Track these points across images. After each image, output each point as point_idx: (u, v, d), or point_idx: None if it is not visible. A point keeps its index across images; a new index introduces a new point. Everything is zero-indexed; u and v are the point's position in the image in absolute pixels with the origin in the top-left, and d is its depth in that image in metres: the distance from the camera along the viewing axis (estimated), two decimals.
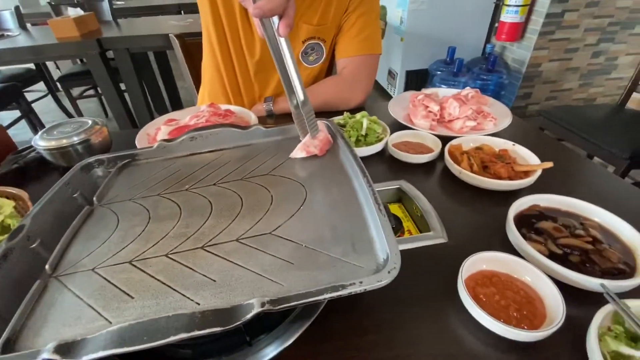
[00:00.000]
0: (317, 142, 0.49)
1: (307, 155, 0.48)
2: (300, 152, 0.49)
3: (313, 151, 0.48)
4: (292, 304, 0.28)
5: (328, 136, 0.50)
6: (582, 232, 0.43)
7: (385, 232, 0.32)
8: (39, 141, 0.64)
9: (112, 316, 0.32)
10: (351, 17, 0.85)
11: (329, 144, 0.50)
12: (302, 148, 0.48)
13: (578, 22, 2.23)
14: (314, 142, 0.49)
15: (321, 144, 0.49)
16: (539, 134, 0.80)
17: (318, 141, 0.49)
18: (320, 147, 0.48)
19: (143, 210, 0.42)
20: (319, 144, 0.48)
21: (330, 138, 0.50)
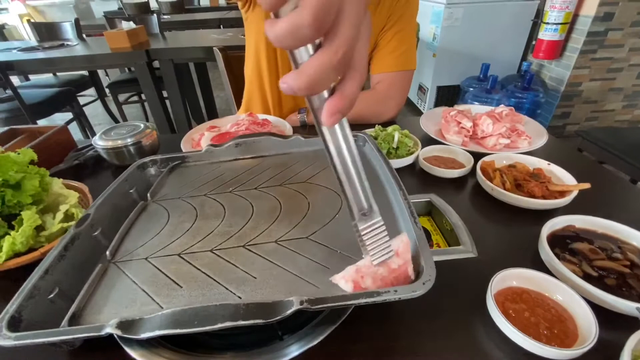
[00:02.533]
0: (382, 272, 0.31)
1: (354, 289, 0.32)
2: (345, 282, 0.32)
3: (367, 288, 0.31)
4: (328, 305, 0.30)
5: (407, 268, 0.32)
6: (620, 256, 0.42)
7: (421, 245, 0.34)
8: (98, 141, 0.71)
9: (163, 302, 0.35)
10: (388, 33, 0.87)
11: (407, 280, 0.32)
12: (349, 277, 0.32)
13: (623, 42, 2.14)
14: (376, 273, 0.32)
15: (388, 278, 0.31)
16: (576, 155, 0.78)
17: (384, 271, 0.31)
18: (382, 283, 0.31)
19: (191, 208, 0.46)
20: (383, 277, 0.31)
21: (411, 273, 0.32)
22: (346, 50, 0.20)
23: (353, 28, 0.19)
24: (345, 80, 0.21)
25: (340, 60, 0.20)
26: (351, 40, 0.20)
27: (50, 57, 1.93)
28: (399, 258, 0.31)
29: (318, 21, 0.18)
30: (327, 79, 0.20)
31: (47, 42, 2.35)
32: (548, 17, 2.13)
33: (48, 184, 0.53)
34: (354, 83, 0.22)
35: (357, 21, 0.20)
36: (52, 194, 0.53)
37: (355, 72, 0.22)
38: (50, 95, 2.11)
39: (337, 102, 0.21)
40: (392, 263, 0.31)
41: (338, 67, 0.20)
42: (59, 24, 2.64)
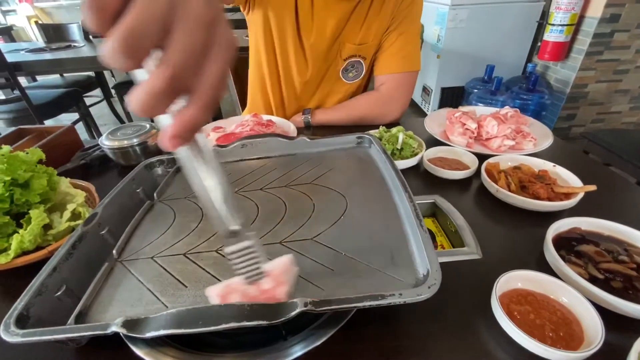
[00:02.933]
0: (252, 292, 0.31)
1: (222, 303, 0.31)
2: (214, 295, 0.32)
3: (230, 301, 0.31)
4: (332, 307, 0.30)
5: (278, 292, 0.31)
6: (626, 258, 0.42)
7: (427, 248, 0.34)
8: (104, 141, 0.71)
9: (168, 301, 0.36)
10: (392, 35, 0.87)
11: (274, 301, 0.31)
12: (218, 291, 0.32)
13: (629, 43, 2.12)
14: (246, 291, 0.31)
15: (258, 298, 0.31)
16: (582, 157, 0.77)
17: (254, 291, 0.31)
18: (249, 300, 0.31)
19: (197, 208, 0.47)
20: (253, 296, 0.31)
21: (282, 295, 0.31)
22: (172, 76, 0.18)
23: (180, 53, 0.18)
24: (187, 105, 0.20)
25: (165, 88, 0.18)
26: (178, 66, 0.18)
27: (57, 58, 1.96)
28: (271, 280, 0.31)
29: (127, 48, 0.16)
30: (156, 105, 0.18)
31: (55, 44, 2.38)
32: (553, 18, 2.12)
33: (56, 183, 0.54)
34: (194, 107, 0.20)
35: (192, 43, 0.18)
36: (59, 193, 0.54)
37: (196, 96, 0.20)
38: (57, 96, 2.13)
39: (173, 128, 0.20)
40: (264, 284, 0.31)
41: (166, 94, 0.18)
42: (66, 25, 2.67)
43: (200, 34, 0.18)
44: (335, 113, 0.93)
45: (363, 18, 0.85)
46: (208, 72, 0.20)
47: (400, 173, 0.44)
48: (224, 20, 0.20)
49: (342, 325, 0.36)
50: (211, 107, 0.20)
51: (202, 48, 0.19)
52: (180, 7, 0.18)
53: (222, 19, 0.20)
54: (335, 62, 0.91)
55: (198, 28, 0.18)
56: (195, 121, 0.20)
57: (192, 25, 0.18)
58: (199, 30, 0.18)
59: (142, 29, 0.17)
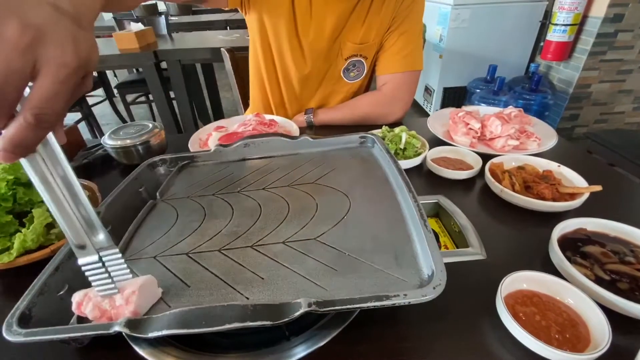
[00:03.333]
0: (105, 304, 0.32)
1: (77, 312, 0.33)
2: (74, 299, 0.33)
3: (86, 313, 0.32)
4: (336, 308, 0.30)
5: (126, 309, 0.31)
6: (632, 259, 0.42)
7: (431, 248, 0.33)
8: (107, 140, 0.71)
9: (171, 301, 0.35)
10: (393, 34, 0.87)
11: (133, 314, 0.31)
12: (76, 296, 0.33)
13: (633, 43, 2.11)
14: (99, 303, 0.32)
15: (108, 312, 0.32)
16: (586, 157, 0.77)
17: (108, 304, 0.32)
18: (100, 314, 0.32)
19: (199, 208, 0.46)
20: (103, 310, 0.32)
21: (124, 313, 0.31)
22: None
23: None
24: (11, 123, 0.22)
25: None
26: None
27: None
28: (122, 297, 0.32)
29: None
30: None
31: None
32: (556, 18, 2.11)
33: None
34: (14, 126, 0.21)
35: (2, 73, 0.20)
36: None
37: (19, 115, 0.21)
38: None
39: (1, 143, 0.22)
40: (117, 299, 0.32)
41: None
42: None
43: (14, 60, 0.20)
44: (338, 113, 0.93)
45: (364, 17, 0.84)
46: (31, 94, 0.21)
47: (404, 173, 0.44)
48: (54, 38, 0.21)
49: (346, 325, 0.36)
50: (37, 127, 0.22)
51: (18, 71, 0.20)
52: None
53: (50, 39, 0.21)
54: (336, 61, 0.91)
55: (11, 53, 0.20)
56: (18, 139, 0.22)
57: (5, 51, 0.19)
58: (13, 55, 0.20)
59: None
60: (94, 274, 0.31)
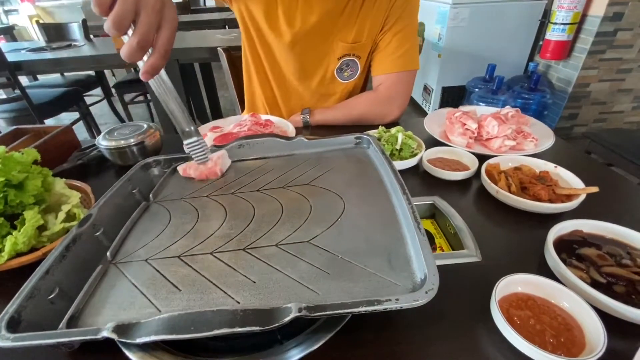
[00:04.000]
0: (202, 169, 0.51)
1: (184, 175, 0.53)
2: (180, 168, 0.53)
3: (190, 174, 0.52)
4: (327, 312, 0.29)
5: (215, 169, 0.52)
6: (629, 262, 0.41)
7: (424, 252, 0.33)
8: (101, 141, 0.71)
9: (161, 305, 0.35)
10: (388, 34, 0.86)
11: (214, 175, 0.52)
12: (183, 167, 0.53)
13: (632, 42, 2.11)
14: (197, 168, 0.52)
15: (204, 171, 0.52)
16: (584, 157, 0.76)
17: (203, 168, 0.52)
18: (199, 173, 0.52)
19: (192, 210, 0.46)
20: (201, 170, 0.51)
21: (217, 171, 0.52)
22: (140, 39, 0.35)
23: (145, 25, 0.35)
24: (150, 55, 0.37)
25: (137, 45, 0.35)
26: (144, 33, 0.35)
27: (58, 57, 1.95)
28: (212, 162, 0.52)
29: (116, 23, 0.34)
30: (134, 55, 0.36)
31: (55, 43, 2.38)
32: (556, 17, 2.11)
33: (50, 184, 0.53)
34: (154, 57, 0.37)
35: (149, 21, 0.35)
36: (54, 194, 0.53)
37: (156, 50, 0.37)
38: (58, 95, 2.13)
39: (144, 68, 0.38)
40: (209, 163, 0.52)
41: (138, 49, 0.36)
42: (67, 24, 2.66)
43: (154, 16, 0.35)
44: (334, 113, 0.92)
45: (355, 16, 0.84)
46: (161, 36, 0.37)
47: (398, 174, 0.44)
48: (170, 5, 0.37)
49: (340, 329, 0.36)
50: (165, 57, 0.38)
51: (155, 24, 0.36)
52: (142, 2, 0.34)
53: (169, 5, 0.37)
54: (328, 61, 0.90)
55: (153, 12, 0.35)
56: (155, 64, 0.38)
57: (150, 11, 0.35)
58: (153, 14, 0.35)
59: (122, 14, 0.33)
60: (194, 149, 0.50)
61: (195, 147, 0.50)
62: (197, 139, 0.50)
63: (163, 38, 0.37)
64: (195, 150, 0.50)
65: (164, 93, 0.43)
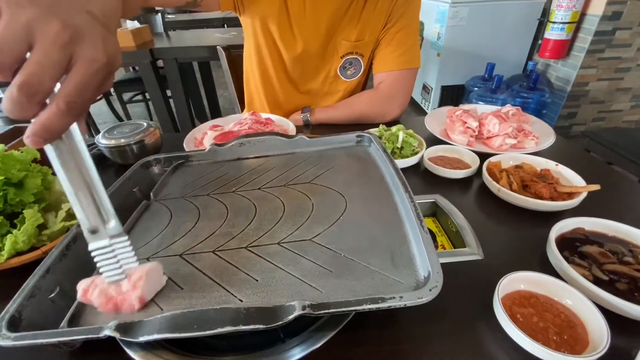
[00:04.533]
0: (111, 292, 0.32)
1: (82, 300, 0.33)
2: (79, 287, 0.33)
3: (92, 301, 0.32)
4: (331, 310, 0.29)
5: (130, 296, 0.32)
6: (631, 259, 0.41)
7: (428, 250, 0.33)
8: (101, 140, 0.71)
9: (164, 304, 0.35)
10: (390, 32, 0.86)
11: (129, 308, 0.32)
12: (84, 285, 0.33)
13: (631, 41, 2.11)
14: (107, 290, 0.32)
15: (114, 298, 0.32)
16: (584, 155, 0.76)
17: (113, 292, 0.32)
18: (106, 301, 0.32)
19: (194, 208, 0.46)
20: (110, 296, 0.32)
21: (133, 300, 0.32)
22: (23, 84, 0.22)
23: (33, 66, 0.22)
24: (44, 110, 0.24)
25: (19, 94, 0.22)
26: (33, 75, 0.22)
27: None
28: (129, 283, 0.32)
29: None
30: (17, 107, 0.22)
31: None
32: (554, 16, 2.11)
33: (50, 182, 0.53)
34: (48, 112, 0.23)
35: (46, 57, 0.22)
36: (54, 193, 0.53)
37: (53, 103, 0.23)
38: None
39: (32, 127, 0.23)
40: (123, 285, 0.32)
41: (22, 97, 0.22)
42: None
43: (55, 52, 0.22)
44: (335, 111, 0.92)
45: (358, 15, 0.84)
46: (66, 83, 0.23)
47: (400, 172, 0.43)
48: (89, 40, 0.24)
49: (342, 327, 0.36)
50: (67, 113, 0.24)
51: (57, 63, 0.22)
52: (38, 30, 0.22)
53: (85, 38, 0.23)
54: (331, 60, 0.90)
55: (52, 48, 0.22)
56: (49, 124, 0.23)
57: (46, 46, 0.22)
58: (53, 50, 0.22)
59: (5, 41, 0.21)
60: (103, 259, 0.31)
61: (105, 256, 0.31)
62: (108, 244, 0.30)
63: (67, 85, 0.23)
64: (104, 262, 0.31)
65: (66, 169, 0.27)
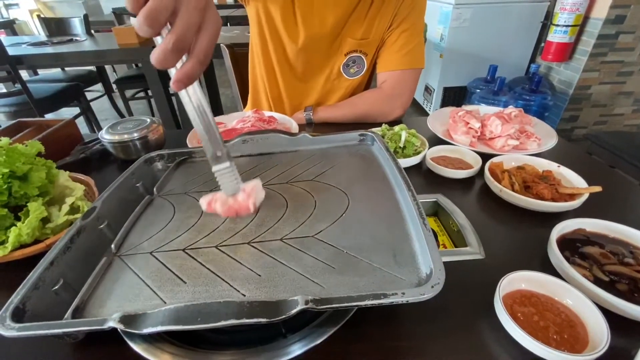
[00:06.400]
0: (230, 202, 0.38)
1: (208, 210, 0.39)
2: (203, 202, 0.40)
3: (216, 209, 0.39)
4: (334, 305, 0.29)
5: (248, 203, 0.38)
6: (632, 261, 0.41)
7: (430, 247, 0.33)
8: (105, 135, 0.71)
9: (167, 297, 0.35)
10: (395, 32, 0.86)
11: (246, 211, 0.38)
12: (207, 199, 0.40)
13: (634, 45, 2.11)
14: (226, 201, 0.39)
15: (233, 206, 0.38)
16: (586, 158, 0.77)
17: (233, 202, 0.38)
18: (227, 209, 0.38)
19: (196, 204, 0.46)
20: (230, 205, 0.38)
21: (250, 205, 0.38)
22: (176, 41, 0.28)
23: (183, 26, 0.28)
24: (186, 62, 0.30)
25: (172, 48, 0.28)
26: (181, 35, 0.28)
27: (59, 52, 1.95)
28: (244, 194, 0.38)
29: (149, 20, 0.26)
30: (167, 60, 0.28)
31: (56, 37, 2.37)
32: (558, 19, 2.11)
33: (54, 176, 0.53)
34: (190, 64, 0.30)
35: (189, 21, 0.28)
36: (58, 187, 0.53)
37: (193, 56, 0.30)
38: (58, 90, 2.12)
39: (177, 75, 0.30)
40: (239, 197, 0.38)
41: (173, 52, 0.28)
42: (68, 19, 2.65)
43: (195, 15, 0.28)
44: (337, 110, 0.92)
45: (365, 13, 0.84)
46: (201, 40, 0.30)
47: (403, 171, 0.44)
48: (212, 6, 0.31)
49: (343, 324, 0.36)
50: (203, 64, 0.30)
51: (196, 24, 0.29)
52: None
53: (212, 6, 0.30)
54: (335, 57, 0.91)
55: (195, 10, 0.28)
56: (191, 72, 0.30)
57: (191, 8, 0.28)
58: (195, 12, 0.28)
59: (158, 8, 0.26)
60: (224, 177, 0.38)
61: (226, 175, 0.38)
62: (230, 165, 0.38)
63: (203, 42, 0.30)
64: (225, 179, 0.39)
65: (195, 108, 0.34)
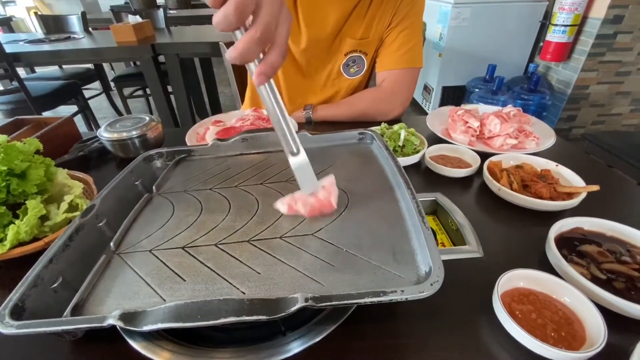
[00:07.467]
0: (312, 201, 0.39)
1: (289, 213, 0.40)
2: (282, 205, 0.41)
3: (299, 210, 0.40)
4: (333, 303, 0.29)
5: (330, 199, 0.39)
6: (629, 259, 0.42)
7: (429, 246, 0.33)
8: (103, 133, 0.71)
9: (166, 295, 0.35)
10: (394, 31, 0.87)
11: (330, 209, 0.40)
12: (287, 201, 0.40)
13: (632, 45, 2.12)
14: (307, 201, 0.39)
15: (316, 205, 0.39)
16: (584, 157, 0.77)
17: (313, 200, 0.39)
18: (311, 208, 0.39)
19: (196, 202, 0.46)
20: (312, 204, 0.39)
21: (333, 202, 0.39)
22: (264, 31, 0.29)
23: (269, 16, 0.29)
24: (268, 52, 0.31)
25: (260, 37, 0.29)
26: (268, 24, 0.29)
27: (56, 49, 1.94)
28: (324, 191, 0.39)
29: (238, 11, 0.27)
30: (252, 51, 0.29)
31: (54, 35, 2.36)
32: (556, 18, 2.11)
33: (53, 173, 0.53)
34: (274, 54, 0.31)
35: (272, 11, 0.29)
36: (57, 184, 0.53)
37: (276, 46, 0.31)
38: (56, 88, 2.12)
39: (261, 67, 0.31)
40: (320, 194, 0.39)
41: (259, 42, 0.29)
42: (66, 16, 2.64)
43: (276, 7, 0.29)
44: (337, 109, 0.92)
45: (364, 13, 0.84)
46: (281, 30, 0.31)
47: (402, 170, 0.44)
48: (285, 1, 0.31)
49: (342, 322, 0.36)
50: (284, 56, 0.31)
51: (278, 16, 0.30)
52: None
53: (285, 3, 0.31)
54: (335, 57, 0.91)
55: (276, 4, 0.29)
56: (276, 62, 0.31)
57: (272, 5, 0.29)
58: (276, 5, 0.29)
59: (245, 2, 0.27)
60: (303, 173, 0.39)
61: (305, 170, 0.38)
62: (307, 163, 0.38)
63: (282, 32, 0.31)
64: (304, 177, 0.39)
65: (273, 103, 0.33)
